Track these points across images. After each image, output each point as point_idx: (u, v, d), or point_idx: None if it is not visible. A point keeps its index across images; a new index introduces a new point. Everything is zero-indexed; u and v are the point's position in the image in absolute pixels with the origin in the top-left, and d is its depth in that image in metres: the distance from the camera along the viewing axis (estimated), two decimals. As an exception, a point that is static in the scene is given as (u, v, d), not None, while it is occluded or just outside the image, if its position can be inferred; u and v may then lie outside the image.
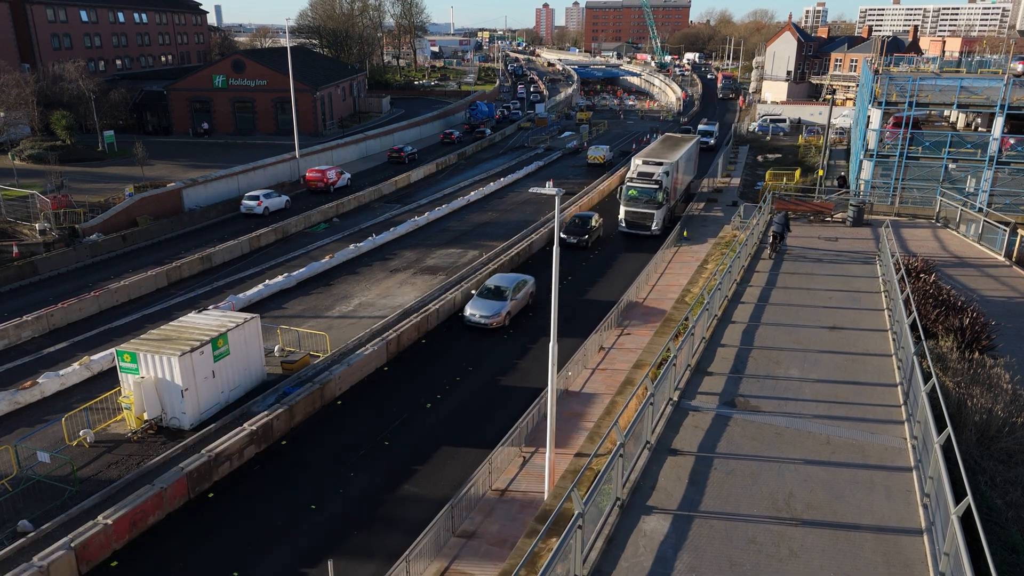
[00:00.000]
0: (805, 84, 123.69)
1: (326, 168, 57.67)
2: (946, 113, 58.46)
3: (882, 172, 46.66)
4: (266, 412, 23.42)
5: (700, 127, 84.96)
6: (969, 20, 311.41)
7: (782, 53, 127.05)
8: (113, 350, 25.08)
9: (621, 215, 46.44)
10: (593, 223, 44.81)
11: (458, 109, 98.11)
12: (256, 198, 50.58)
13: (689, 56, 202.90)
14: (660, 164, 46.40)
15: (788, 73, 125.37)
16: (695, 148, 55.06)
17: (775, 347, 20.76)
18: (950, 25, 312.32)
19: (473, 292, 34.29)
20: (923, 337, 18.45)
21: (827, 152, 54.67)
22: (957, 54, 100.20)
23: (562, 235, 41.69)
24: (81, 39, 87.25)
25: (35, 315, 30.90)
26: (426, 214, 49.78)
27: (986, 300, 26.66)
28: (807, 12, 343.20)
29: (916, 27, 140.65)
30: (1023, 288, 28.77)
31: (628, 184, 45.96)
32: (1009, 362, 20.25)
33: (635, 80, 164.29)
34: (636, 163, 47.39)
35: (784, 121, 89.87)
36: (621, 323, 32.09)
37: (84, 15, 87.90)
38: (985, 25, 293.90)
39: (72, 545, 17.17)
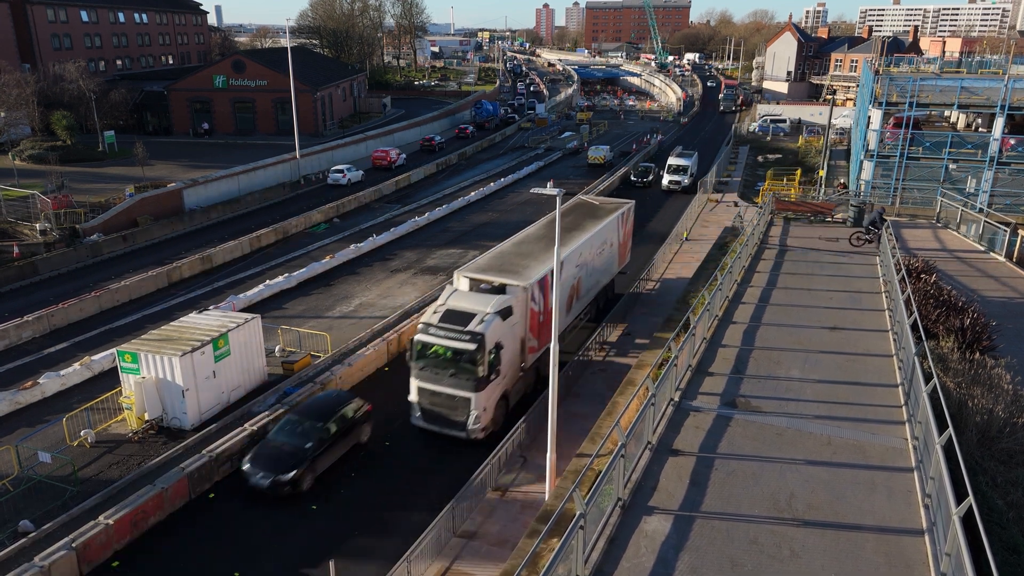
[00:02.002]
0: (805, 84, 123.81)
1: (388, 149, 69.03)
2: (946, 113, 58.50)
3: (882, 172, 46.68)
4: (267, 412, 23.43)
5: (670, 160, 60.95)
6: (969, 20, 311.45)
7: (782, 53, 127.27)
8: (114, 350, 25.10)
9: (412, 396, 23.41)
10: (336, 422, 21.69)
11: (459, 109, 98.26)
12: (340, 171, 59.97)
13: (689, 56, 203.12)
14: (496, 293, 23.83)
15: (788, 73, 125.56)
16: (616, 223, 33.06)
17: (776, 347, 20.77)
18: (950, 25, 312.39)
19: None
20: (924, 337, 18.46)
21: (827, 153, 54.67)
22: (957, 54, 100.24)
23: (245, 467, 20.65)
24: (81, 39, 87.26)
25: (36, 315, 30.91)
26: (426, 214, 49.80)
27: (987, 301, 26.66)
28: (807, 12, 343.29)
29: (916, 27, 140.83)
30: (1023, 288, 28.78)
31: (423, 333, 22.87)
32: (1010, 363, 20.23)
33: (635, 80, 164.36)
34: (456, 284, 25.09)
35: (784, 121, 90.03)
36: None
37: (84, 15, 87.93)
38: (985, 25, 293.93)
39: (73, 545, 17.17)
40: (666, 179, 58.91)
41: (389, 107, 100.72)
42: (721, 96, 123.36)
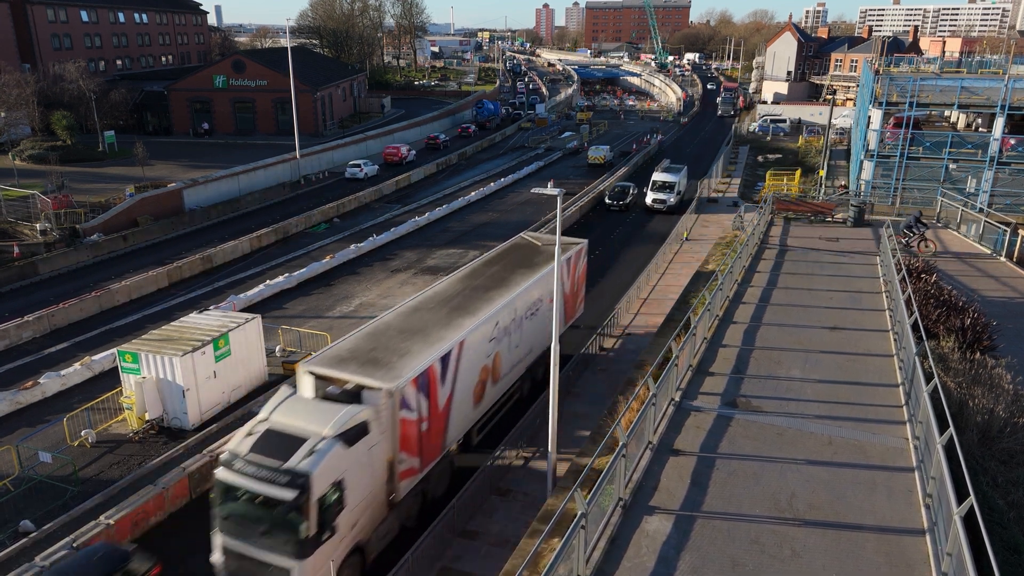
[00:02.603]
0: (805, 84, 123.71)
1: (399, 145, 71.25)
2: (946, 113, 58.51)
3: (883, 172, 46.70)
4: (267, 412, 23.40)
5: (655, 175, 54.22)
6: (969, 20, 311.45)
7: (782, 53, 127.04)
8: (114, 350, 25.10)
9: (216, 556, 15.87)
10: None
11: (459, 109, 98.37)
12: (358, 165, 62.43)
13: (689, 56, 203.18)
14: (348, 401, 16.64)
15: (788, 73, 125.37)
16: (560, 271, 22.07)
17: (776, 347, 20.78)
18: (950, 25, 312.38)
19: None
20: (924, 337, 18.47)
21: (827, 153, 54.67)
22: (957, 54, 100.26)
23: None
24: (81, 39, 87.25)
25: (36, 315, 30.90)
26: (426, 214, 49.80)
27: (987, 300, 26.66)
28: (807, 12, 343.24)
29: (916, 27, 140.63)
30: (1023, 288, 28.78)
31: (226, 468, 15.50)
32: (1010, 362, 20.23)
33: (635, 80, 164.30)
34: (298, 384, 17.72)
35: (784, 121, 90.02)
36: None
37: (84, 15, 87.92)
38: (985, 25, 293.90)
39: (74, 545, 17.14)
40: (650, 197, 52.48)
41: (389, 107, 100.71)
42: (719, 99, 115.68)
